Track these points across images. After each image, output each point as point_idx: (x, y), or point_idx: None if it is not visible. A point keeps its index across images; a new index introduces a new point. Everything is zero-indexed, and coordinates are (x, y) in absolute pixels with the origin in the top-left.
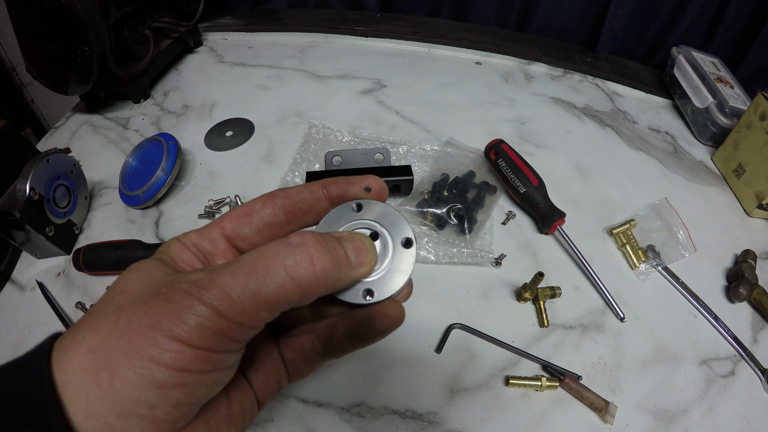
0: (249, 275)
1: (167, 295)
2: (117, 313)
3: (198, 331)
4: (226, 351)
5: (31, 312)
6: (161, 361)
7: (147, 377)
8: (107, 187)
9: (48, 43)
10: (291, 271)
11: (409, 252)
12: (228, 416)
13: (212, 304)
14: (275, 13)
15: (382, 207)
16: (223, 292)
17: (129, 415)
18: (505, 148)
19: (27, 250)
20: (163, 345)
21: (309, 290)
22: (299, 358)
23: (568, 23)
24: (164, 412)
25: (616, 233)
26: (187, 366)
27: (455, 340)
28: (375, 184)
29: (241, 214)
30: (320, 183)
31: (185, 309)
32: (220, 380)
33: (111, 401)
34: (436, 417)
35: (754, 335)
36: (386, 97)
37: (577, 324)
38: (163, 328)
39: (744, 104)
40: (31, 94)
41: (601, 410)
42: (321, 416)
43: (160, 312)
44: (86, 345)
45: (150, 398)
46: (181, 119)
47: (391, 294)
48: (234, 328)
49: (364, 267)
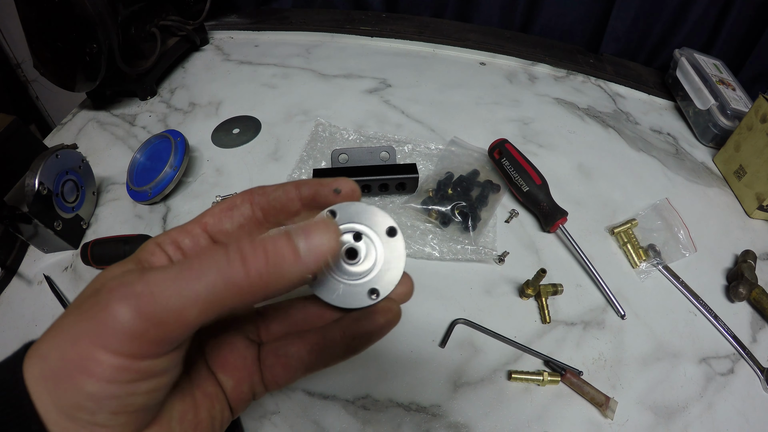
0: (181, 272)
1: (95, 297)
2: (62, 319)
3: (118, 337)
4: (152, 356)
5: (38, 306)
6: (89, 371)
7: (80, 388)
8: (114, 183)
9: (56, 40)
10: (222, 270)
11: (396, 239)
12: (195, 423)
13: (133, 301)
14: (281, 12)
15: (356, 206)
16: (147, 286)
17: (77, 419)
18: (509, 147)
19: (34, 244)
20: (89, 355)
21: (244, 292)
22: (280, 364)
23: (571, 25)
24: (105, 419)
25: (617, 232)
26: (114, 377)
27: (459, 335)
28: (345, 185)
29: (223, 209)
30: (294, 183)
31: (105, 312)
32: (155, 387)
33: (58, 406)
34: (440, 410)
35: (754, 334)
36: (391, 96)
37: (579, 321)
38: (88, 336)
39: (745, 106)
40: (36, 91)
41: (602, 405)
42: (327, 408)
43: (88, 318)
44: (38, 353)
45: (88, 406)
46: (188, 116)
47: (394, 284)
48: (155, 329)
49: (320, 255)
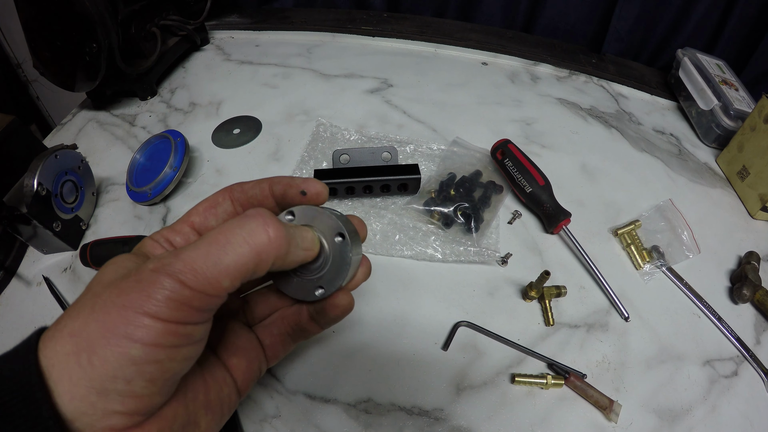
0: (210, 247)
1: (136, 276)
2: (93, 299)
3: (166, 304)
4: (194, 323)
5: (38, 307)
6: (134, 337)
7: (122, 354)
8: (114, 184)
9: (56, 40)
10: (248, 237)
11: (344, 243)
12: (206, 402)
13: (177, 276)
14: (282, 12)
15: (313, 210)
16: (187, 264)
17: (108, 391)
18: (512, 148)
19: (33, 245)
20: (136, 322)
21: (264, 256)
22: (276, 342)
23: (573, 24)
24: (140, 387)
25: (621, 234)
26: (159, 340)
27: (462, 337)
28: (312, 188)
29: (207, 207)
30: (268, 181)
31: (153, 284)
32: (190, 354)
33: (91, 379)
34: (443, 414)
35: (757, 336)
36: (393, 96)
37: (582, 323)
38: (134, 306)
39: (748, 107)
40: (36, 91)
41: (606, 408)
42: (328, 412)
43: (130, 292)
44: (67, 331)
45: (126, 374)
46: (189, 116)
47: (336, 287)
48: (199, 297)
49: (309, 251)
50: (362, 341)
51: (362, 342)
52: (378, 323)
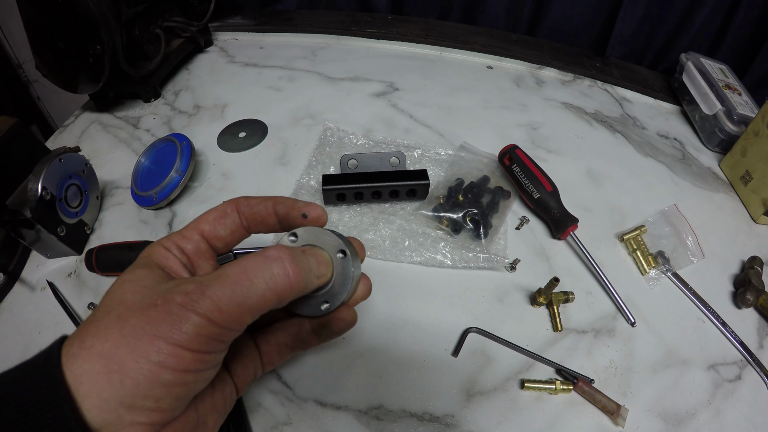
0: (235, 287)
1: (164, 307)
2: (120, 322)
3: (195, 338)
4: (216, 351)
5: (42, 312)
6: (166, 364)
7: (155, 378)
8: (118, 187)
9: (59, 41)
10: (270, 282)
11: (346, 260)
12: (212, 404)
13: (205, 314)
14: (285, 13)
15: (315, 230)
16: (213, 303)
17: (137, 407)
18: (519, 153)
19: (37, 249)
20: (167, 351)
21: (284, 297)
22: (273, 350)
23: (577, 27)
24: (167, 405)
25: (626, 239)
26: (188, 367)
27: (471, 343)
28: (314, 212)
29: (217, 216)
30: (273, 200)
31: (182, 320)
32: (211, 375)
33: (122, 397)
34: (453, 420)
35: (761, 341)
36: (399, 100)
37: (590, 328)
38: (165, 336)
39: (752, 111)
40: (37, 92)
41: (613, 413)
42: (339, 419)
43: (160, 322)
44: (96, 351)
45: (156, 394)
46: (193, 119)
47: (341, 302)
48: (223, 333)
49: (323, 277)
50: (372, 347)
51: (373, 348)
52: (388, 329)
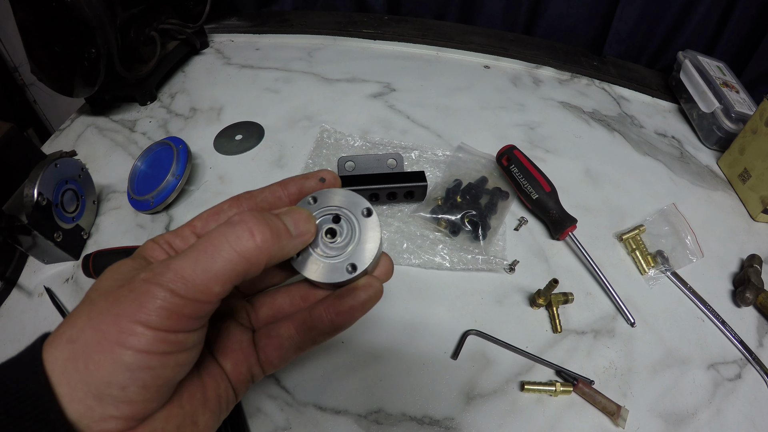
0: (198, 255)
1: (130, 285)
2: (90, 306)
3: (158, 313)
4: (185, 330)
5: (39, 318)
6: (127, 344)
7: (116, 360)
8: (115, 191)
9: (53, 45)
10: (235, 244)
11: (372, 219)
12: (203, 400)
13: (167, 285)
14: (282, 14)
15: (336, 191)
16: (177, 273)
17: (104, 396)
18: (518, 154)
19: (34, 255)
20: (128, 330)
21: (254, 260)
22: (272, 344)
23: (574, 26)
24: (135, 393)
25: (625, 239)
26: (151, 348)
27: (471, 346)
28: (328, 175)
29: (211, 213)
30: (279, 184)
31: (144, 294)
32: (184, 361)
33: (87, 384)
34: (453, 423)
35: (760, 339)
36: (396, 101)
37: (589, 329)
38: (127, 314)
39: (750, 109)
40: (34, 95)
41: (614, 414)
42: (339, 423)
43: (123, 301)
44: (65, 337)
45: (120, 380)
46: (189, 122)
47: (372, 259)
48: (190, 305)
49: (305, 235)
50: (372, 351)
51: (372, 352)
52: (387, 333)
